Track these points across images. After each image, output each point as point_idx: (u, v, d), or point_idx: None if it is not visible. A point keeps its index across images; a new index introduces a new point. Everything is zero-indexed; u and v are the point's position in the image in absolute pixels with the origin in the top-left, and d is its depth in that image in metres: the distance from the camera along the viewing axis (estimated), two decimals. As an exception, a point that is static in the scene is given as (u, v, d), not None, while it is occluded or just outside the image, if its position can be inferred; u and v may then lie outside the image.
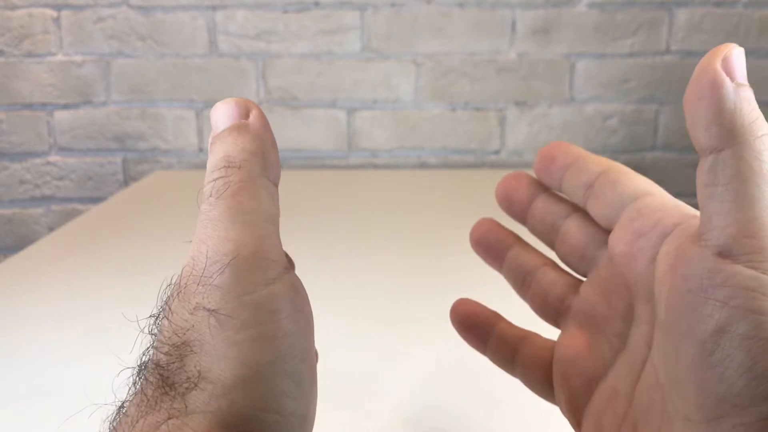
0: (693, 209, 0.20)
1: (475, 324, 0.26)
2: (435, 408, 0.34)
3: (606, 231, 0.23)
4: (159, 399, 0.16)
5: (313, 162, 1.02)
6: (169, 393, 0.16)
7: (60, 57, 0.98)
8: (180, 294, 0.18)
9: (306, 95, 0.99)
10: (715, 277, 0.16)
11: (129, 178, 1.02)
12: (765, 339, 0.15)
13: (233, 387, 0.16)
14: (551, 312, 0.25)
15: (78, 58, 0.98)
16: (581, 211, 0.24)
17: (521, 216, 0.26)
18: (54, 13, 0.96)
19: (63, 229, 0.69)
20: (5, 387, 0.37)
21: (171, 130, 1.01)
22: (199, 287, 0.17)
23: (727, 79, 0.17)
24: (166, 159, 1.02)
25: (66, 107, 0.99)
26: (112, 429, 0.16)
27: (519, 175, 0.26)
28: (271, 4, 0.96)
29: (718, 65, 0.17)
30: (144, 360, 0.17)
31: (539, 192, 0.25)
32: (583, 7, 0.96)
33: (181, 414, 0.16)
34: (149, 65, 0.98)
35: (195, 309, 0.17)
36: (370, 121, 1.00)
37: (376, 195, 0.85)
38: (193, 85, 0.99)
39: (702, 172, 0.17)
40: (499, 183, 0.26)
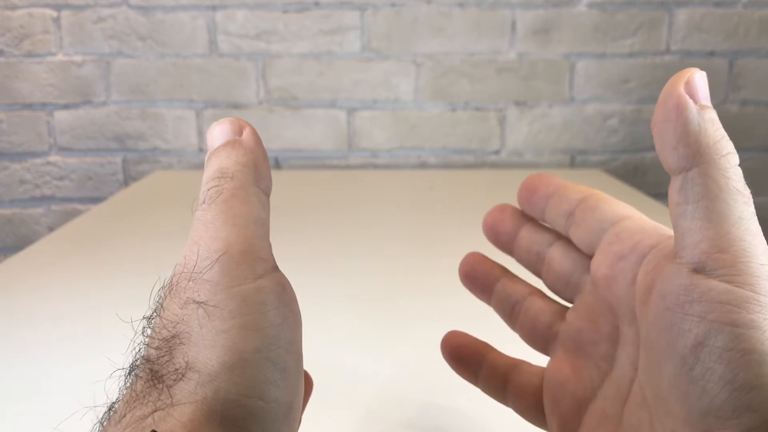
0: (670, 230, 0.20)
1: (466, 356, 0.27)
2: (435, 408, 0.34)
3: (588, 257, 0.23)
4: (147, 393, 0.16)
5: (313, 162, 1.02)
6: (157, 386, 0.16)
7: (60, 57, 0.98)
8: (171, 291, 0.18)
9: (306, 95, 0.99)
10: (691, 293, 0.17)
11: (129, 178, 1.02)
12: (743, 351, 0.16)
13: (218, 374, 0.16)
14: (540, 340, 0.25)
15: (78, 58, 0.98)
16: (564, 239, 0.25)
17: (508, 247, 0.26)
18: (54, 13, 0.96)
19: (63, 229, 0.69)
20: (5, 387, 0.37)
21: (171, 130, 1.01)
22: (190, 283, 0.18)
23: (691, 102, 0.18)
24: (166, 159, 1.02)
25: (66, 107, 1.00)
26: (101, 428, 0.17)
27: (503, 208, 0.27)
28: (271, 4, 0.96)
29: (681, 89, 0.18)
30: (135, 358, 0.18)
31: (524, 222, 0.26)
32: (583, 7, 0.96)
33: (167, 406, 0.16)
34: (149, 65, 0.98)
35: (185, 303, 0.18)
36: (370, 121, 1.00)
37: (376, 195, 0.85)
38: (193, 85, 0.99)
39: (673, 191, 0.18)
40: (485, 216, 0.27)
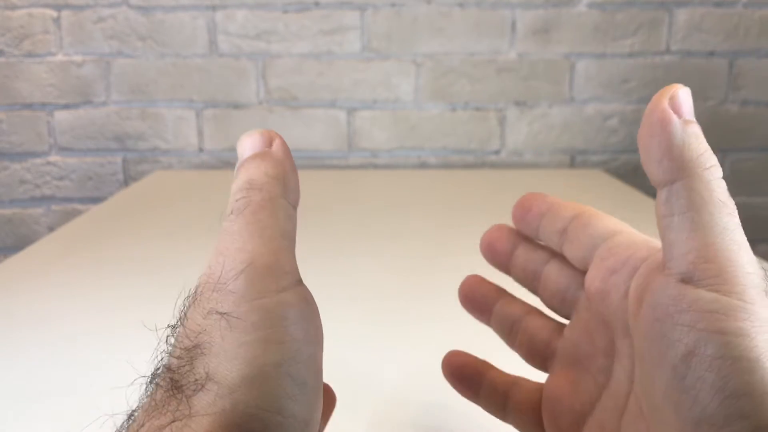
0: (660, 243, 0.21)
1: (467, 375, 0.27)
2: (435, 407, 0.34)
3: (582, 273, 0.24)
4: (166, 402, 0.16)
5: (313, 162, 1.02)
6: (177, 396, 0.16)
7: (60, 57, 0.98)
8: (196, 302, 0.18)
9: (306, 95, 0.99)
10: (680, 303, 0.17)
11: (129, 178, 1.02)
12: (733, 358, 0.16)
13: (238, 387, 0.16)
14: (538, 357, 0.26)
15: (78, 58, 0.98)
16: (559, 257, 0.25)
17: (505, 266, 0.27)
18: (54, 13, 0.96)
19: (63, 229, 0.69)
20: (5, 387, 0.37)
21: (171, 130, 1.01)
22: (214, 293, 0.18)
23: (675, 117, 0.18)
24: (166, 159, 1.02)
25: (66, 107, 1.00)
26: None
27: (500, 228, 0.27)
28: (271, 4, 0.96)
29: (665, 104, 0.18)
30: (157, 366, 0.18)
31: (519, 242, 0.27)
32: (583, 7, 0.96)
33: (185, 417, 0.16)
34: (149, 65, 0.98)
35: (208, 314, 0.17)
36: (370, 121, 1.00)
37: (376, 195, 0.85)
38: (193, 85, 0.99)
39: (659, 204, 0.18)
40: (483, 236, 0.27)
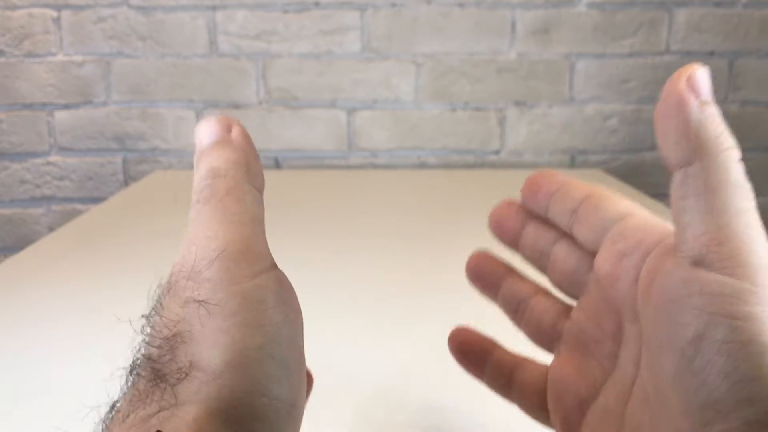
0: (672, 227, 0.20)
1: (472, 352, 0.27)
2: (434, 407, 0.34)
3: (592, 255, 0.23)
4: (150, 392, 0.16)
5: (313, 162, 1.02)
6: (160, 385, 0.16)
7: (60, 57, 0.98)
8: (170, 291, 0.18)
9: (306, 95, 0.99)
10: (691, 286, 0.17)
11: (129, 178, 1.02)
12: (742, 342, 0.16)
13: (222, 373, 0.16)
14: (545, 338, 0.25)
15: (78, 58, 0.98)
16: (569, 237, 0.25)
17: (514, 243, 0.26)
18: (54, 13, 0.96)
19: (63, 229, 0.69)
20: (5, 387, 0.37)
21: (171, 130, 1.01)
22: (189, 282, 0.18)
23: (692, 98, 0.18)
24: (166, 159, 1.02)
25: (66, 107, 1.00)
26: (104, 428, 0.16)
27: (509, 203, 0.26)
28: (271, 4, 0.96)
29: (683, 85, 0.18)
30: (136, 356, 0.18)
31: (529, 220, 0.26)
32: (583, 7, 0.96)
33: (171, 405, 0.16)
34: (149, 65, 0.98)
35: (185, 302, 0.18)
36: (370, 121, 1.00)
37: (376, 195, 0.85)
38: (193, 85, 0.99)
39: (674, 187, 0.18)
40: (492, 212, 0.27)
